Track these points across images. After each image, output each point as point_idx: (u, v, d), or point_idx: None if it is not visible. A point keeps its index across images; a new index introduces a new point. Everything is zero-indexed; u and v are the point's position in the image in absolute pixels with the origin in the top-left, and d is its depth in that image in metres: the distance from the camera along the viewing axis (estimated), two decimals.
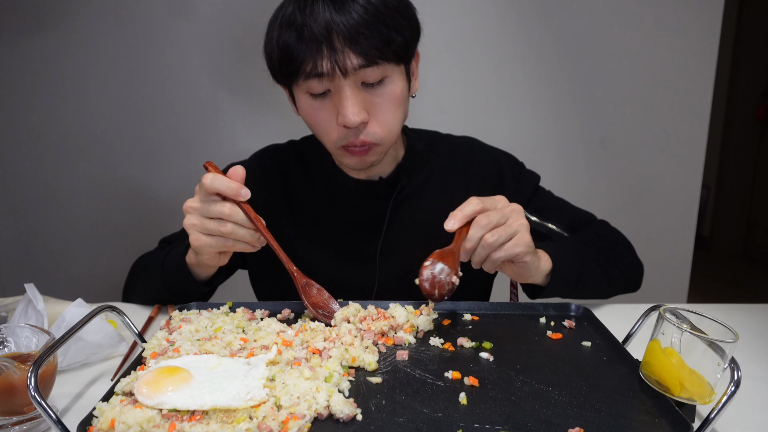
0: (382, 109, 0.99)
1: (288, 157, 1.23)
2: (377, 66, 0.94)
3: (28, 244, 2.14)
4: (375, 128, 0.99)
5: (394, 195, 1.14)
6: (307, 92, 0.98)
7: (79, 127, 2.02)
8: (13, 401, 0.69)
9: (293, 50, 0.93)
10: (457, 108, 2.02)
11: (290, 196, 1.19)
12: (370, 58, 0.93)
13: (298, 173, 1.20)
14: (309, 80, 0.95)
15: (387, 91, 0.98)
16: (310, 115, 1.01)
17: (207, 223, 0.89)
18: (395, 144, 1.16)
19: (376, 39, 0.92)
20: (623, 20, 1.96)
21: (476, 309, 1.01)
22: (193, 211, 0.90)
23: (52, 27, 1.93)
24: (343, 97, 0.95)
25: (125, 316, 0.90)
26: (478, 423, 0.66)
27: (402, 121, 1.05)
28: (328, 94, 0.97)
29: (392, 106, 0.99)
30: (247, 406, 0.67)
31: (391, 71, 0.97)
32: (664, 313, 0.73)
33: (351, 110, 0.94)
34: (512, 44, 1.98)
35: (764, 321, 1.09)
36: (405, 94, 1.03)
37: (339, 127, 0.98)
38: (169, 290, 1.08)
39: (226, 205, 0.89)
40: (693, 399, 0.69)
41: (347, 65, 0.92)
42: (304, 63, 0.93)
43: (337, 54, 0.91)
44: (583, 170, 2.09)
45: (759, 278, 4.02)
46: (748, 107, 4.20)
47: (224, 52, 1.96)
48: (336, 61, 0.91)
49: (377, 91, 0.97)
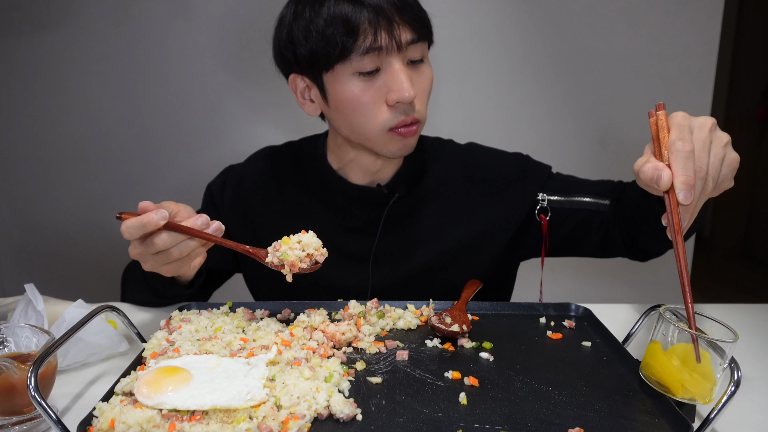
0: (423, 88, 1.01)
1: (284, 158, 1.23)
2: (422, 43, 0.99)
3: (28, 244, 2.14)
4: (419, 105, 1.01)
5: (390, 203, 1.13)
6: (356, 72, 0.96)
7: (79, 127, 2.02)
8: (13, 401, 0.69)
9: (352, 23, 0.93)
10: (456, 108, 2.02)
11: (285, 199, 1.19)
12: (420, 33, 0.97)
13: (294, 175, 1.20)
14: (365, 56, 0.94)
15: (426, 70, 1.02)
16: (357, 98, 0.98)
17: (156, 258, 0.87)
18: None
19: (419, 15, 0.97)
20: (623, 20, 1.96)
21: (476, 309, 1.01)
22: (138, 256, 0.88)
23: (53, 27, 1.93)
24: (397, 72, 0.96)
25: (125, 317, 0.91)
26: (478, 423, 0.66)
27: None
28: (376, 73, 0.97)
29: (429, 86, 1.03)
30: (247, 406, 0.67)
31: (426, 52, 1.02)
32: (664, 313, 0.73)
33: (407, 84, 0.95)
34: (512, 44, 1.98)
35: (764, 321, 1.09)
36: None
37: (389, 107, 0.98)
38: (156, 295, 1.08)
39: (159, 238, 0.84)
40: (694, 399, 0.69)
41: (402, 39, 0.94)
42: (358, 38, 0.93)
43: (394, 27, 0.93)
44: (583, 170, 2.06)
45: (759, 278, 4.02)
46: (748, 107, 4.20)
47: (224, 53, 1.96)
48: (393, 35, 0.93)
49: (419, 69, 1.01)
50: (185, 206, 0.91)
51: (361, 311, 0.95)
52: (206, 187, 1.25)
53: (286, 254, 0.86)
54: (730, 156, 0.77)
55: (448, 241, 1.16)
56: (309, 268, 0.87)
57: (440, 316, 0.92)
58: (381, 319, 0.94)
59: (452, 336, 0.88)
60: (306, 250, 0.87)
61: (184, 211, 0.89)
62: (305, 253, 0.87)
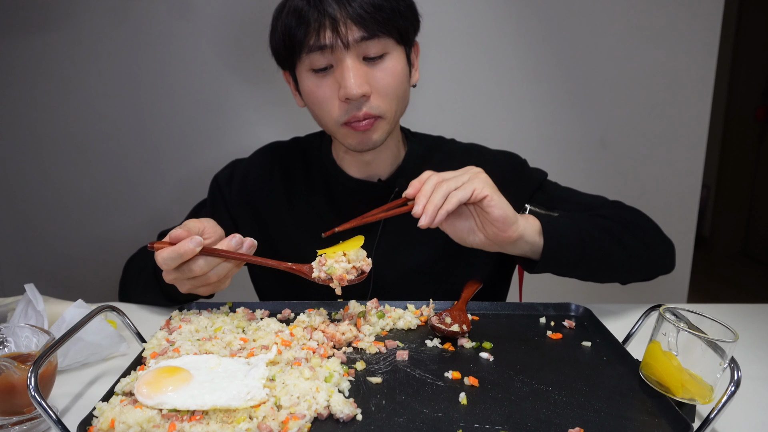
0: (383, 84, 1.00)
1: (291, 154, 1.23)
2: (378, 39, 0.97)
3: (28, 244, 2.14)
4: (377, 101, 1.00)
5: (391, 197, 1.14)
6: (310, 69, 1.00)
7: (79, 127, 2.02)
8: (13, 401, 0.69)
9: (297, 26, 0.96)
10: (456, 108, 2.02)
11: (291, 192, 1.19)
12: (371, 30, 0.95)
13: (299, 170, 1.20)
14: (312, 54, 0.97)
15: (388, 66, 1.00)
16: (313, 93, 1.02)
17: (193, 282, 0.89)
18: (397, 143, 1.16)
19: (378, 13, 0.95)
20: (623, 20, 1.96)
21: (476, 309, 1.01)
22: (175, 281, 0.89)
23: (53, 27, 1.93)
24: (345, 69, 0.96)
25: (125, 316, 0.91)
26: (478, 423, 0.66)
27: (403, 102, 1.06)
28: (329, 69, 0.99)
29: (394, 81, 1.01)
30: (247, 406, 0.67)
31: (391, 48, 1.00)
32: (664, 313, 0.73)
33: (353, 81, 0.96)
34: (512, 44, 1.98)
35: (764, 321, 1.09)
36: (406, 74, 1.04)
37: (341, 102, 0.99)
38: (168, 298, 1.07)
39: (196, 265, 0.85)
40: (694, 399, 0.69)
41: (349, 37, 0.94)
42: (307, 36, 0.96)
43: (338, 25, 0.94)
44: (583, 170, 2.09)
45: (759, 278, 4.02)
46: (748, 107, 4.20)
47: (224, 52, 1.96)
48: (338, 33, 0.94)
49: (378, 65, 0.99)
50: (208, 221, 0.92)
51: (361, 311, 0.95)
52: (213, 179, 1.25)
53: (333, 268, 0.88)
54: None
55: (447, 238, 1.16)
56: (356, 279, 0.89)
57: (440, 316, 0.92)
58: (381, 319, 0.94)
59: (452, 336, 0.88)
60: (352, 263, 0.88)
61: (209, 228, 0.90)
62: (351, 265, 0.88)
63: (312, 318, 0.91)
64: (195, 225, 0.89)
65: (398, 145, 1.17)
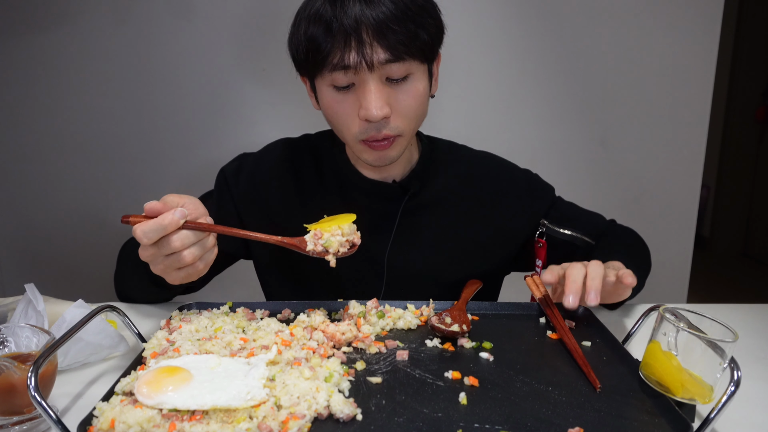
0: (404, 105, 0.99)
1: (301, 150, 1.23)
2: (403, 62, 0.95)
3: (28, 244, 2.14)
4: (397, 122, 1.00)
5: (405, 199, 1.14)
6: (331, 84, 0.98)
7: (79, 127, 2.02)
8: (14, 401, 0.69)
9: (321, 42, 0.94)
10: (456, 108, 2.02)
11: (302, 189, 1.19)
12: (397, 53, 0.93)
13: (310, 167, 1.20)
14: (335, 72, 0.95)
15: (411, 88, 0.99)
16: (332, 108, 1.01)
17: (168, 262, 0.84)
18: (411, 146, 1.16)
19: (404, 35, 0.93)
20: (623, 20, 1.96)
21: (476, 309, 1.01)
22: (151, 258, 0.84)
23: (53, 27, 1.93)
24: (367, 91, 0.95)
25: (125, 316, 0.91)
26: (478, 423, 0.66)
27: (422, 119, 1.06)
28: (351, 87, 0.98)
29: (415, 103, 1.00)
30: (247, 406, 0.67)
31: (415, 69, 0.98)
32: (664, 313, 0.73)
33: (375, 104, 0.95)
34: (512, 44, 1.98)
35: (764, 321, 1.09)
36: (427, 92, 1.04)
37: (360, 120, 0.98)
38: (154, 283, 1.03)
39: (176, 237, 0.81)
40: (694, 399, 0.69)
41: (374, 59, 0.92)
42: (331, 55, 0.94)
43: (365, 47, 0.92)
44: (583, 170, 2.09)
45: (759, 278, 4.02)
46: (748, 107, 4.20)
47: (225, 52, 1.96)
48: (363, 55, 0.92)
49: (401, 87, 0.98)
50: (190, 198, 0.88)
51: (361, 311, 0.95)
52: (219, 171, 1.23)
53: (330, 242, 0.88)
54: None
55: (459, 242, 1.18)
56: (348, 251, 0.90)
57: (440, 316, 0.92)
58: (381, 319, 0.94)
59: (452, 336, 0.88)
60: (345, 236, 0.90)
61: (190, 204, 0.86)
62: (345, 238, 0.90)
63: (312, 318, 0.91)
64: (174, 199, 0.85)
65: (411, 148, 1.17)
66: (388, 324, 0.94)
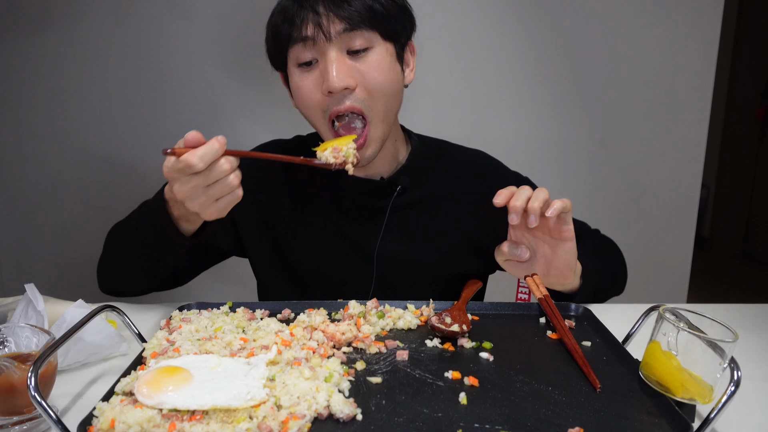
0: (368, 78, 1.00)
1: (293, 151, 1.23)
2: (361, 32, 0.98)
3: (28, 244, 2.14)
4: (362, 94, 1.01)
5: (394, 195, 1.14)
6: (296, 64, 1.01)
7: (79, 127, 2.02)
8: (14, 401, 0.69)
9: (281, 24, 0.99)
10: (456, 108, 2.02)
11: (294, 189, 1.19)
12: (353, 23, 0.97)
13: (302, 168, 1.20)
14: (295, 46, 0.99)
15: (372, 59, 1.01)
16: (299, 88, 1.03)
17: (211, 191, 0.85)
18: (397, 143, 1.16)
19: (359, 5, 0.97)
20: (623, 20, 1.96)
21: (476, 309, 1.01)
22: (191, 192, 0.85)
23: (53, 27, 1.93)
24: (328, 62, 0.98)
25: (125, 316, 0.91)
26: (478, 423, 0.66)
27: (393, 101, 1.05)
28: (315, 64, 1.00)
29: (379, 76, 1.01)
30: (247, 406, 0.67)
31: (376, 43, 1.01)
32: (664, 313, 0.73)
33: (334, 73, 0.97)
34: (511, 44, 1.98)
35: (764, 321, 1.09)
36: (393, 71, 1.04)
37: (324, 96, 1.00)
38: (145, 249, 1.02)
39: (225, 161, 0.84)
40: (694, 399, 0.69)
41: (331, 30, 0.96)
42: (291, 30, 0.98)
43: (321, 18, 0.96)
44: (583, 170, 2.09)
45: (759, 278, 4.02)
46: (748, 107, 4.20)
47: (224, 53, 1.96)
48: (320, 26, 0.96)
49: (363, 58, 1.00)
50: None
51: (361, 311, 0.95)
52: None
53: (348, 153, 0.97)
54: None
55: (450, 240, 1.17)
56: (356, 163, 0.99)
57: (440, 316, 0.92)
58: (381, 319, 0.94)
59: (452, 336, 0.88)
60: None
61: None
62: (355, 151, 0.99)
63: (312, 318, 0.91)
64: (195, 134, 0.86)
65: (396, 144, 1.17)
66: (388, 324, 0.94)
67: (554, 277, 1.03)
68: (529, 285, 1.02)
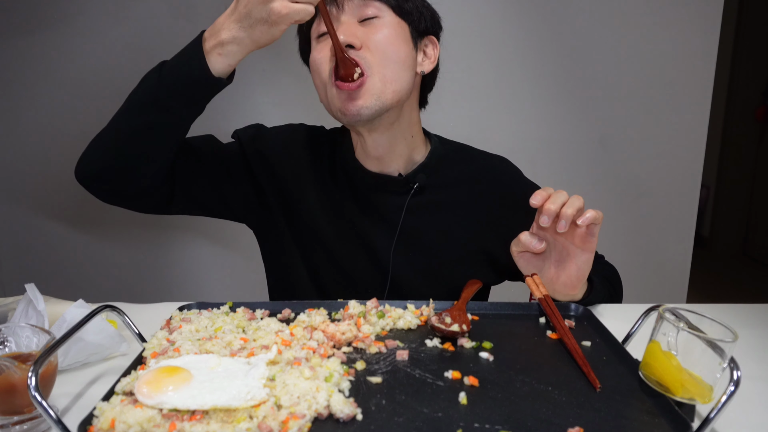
0: (374, 41, 1.03)
1: (319, 138, 1.24)
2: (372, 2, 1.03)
3: (28, 244, 2.14)
4: (367, 54, 1.03)
5: (411, 192, 1.14)
6: (316, 36, 1.08)
7: (79, 126, 2.02)
8: (14, 401, 0.69)
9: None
10: (455, 107, 2.02)
11: (316, 176, 1.20)
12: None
13: (326, 157, 1.21)
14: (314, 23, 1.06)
15: (380, 26, 1.04)
16: (315, 58, 1.07)
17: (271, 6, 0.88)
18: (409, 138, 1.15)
19: None
20: (623, 20, 1.96)
21: (476, 309, 1.01)
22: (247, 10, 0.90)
23: (52, 27, 1.93)
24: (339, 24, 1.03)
25: (126, 316, 0.91)
26: (478, 423, 0.66)
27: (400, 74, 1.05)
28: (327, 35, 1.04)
29: (385, 40, 1.04)
30: (248, 406, 0.67)
31: (385, 13, 1.05)
32: (664, 313, 0.73)
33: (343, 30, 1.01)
34: (511, 43, 1.98)
35: (764, 321, 1.09)
36: (403, 46, 1.06)
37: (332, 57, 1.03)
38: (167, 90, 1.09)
39: None
40: (694, 399, 0.69)
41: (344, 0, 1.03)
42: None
43: None
44: (583, 170, 2.09)
45: (759, 278, 4.03)
46: (748, 107, 4.21)
47: None
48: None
49: (371, 24, 1.04)
50: None
51: (361, 311, 0.95)
52: (233, 133, 1.25)
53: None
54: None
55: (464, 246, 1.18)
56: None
57: (440, 316, 0.92)
58: (381, 319, 0.94)
59: (452, 336, 0.88)
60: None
61: None
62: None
63: (312, 318, 0.91)
64: None
65: (411, 140, 1.16)
66: (388, 324, 0.94)
67: (563, 285, 1.03)
68: (529, 285, 1.02)
